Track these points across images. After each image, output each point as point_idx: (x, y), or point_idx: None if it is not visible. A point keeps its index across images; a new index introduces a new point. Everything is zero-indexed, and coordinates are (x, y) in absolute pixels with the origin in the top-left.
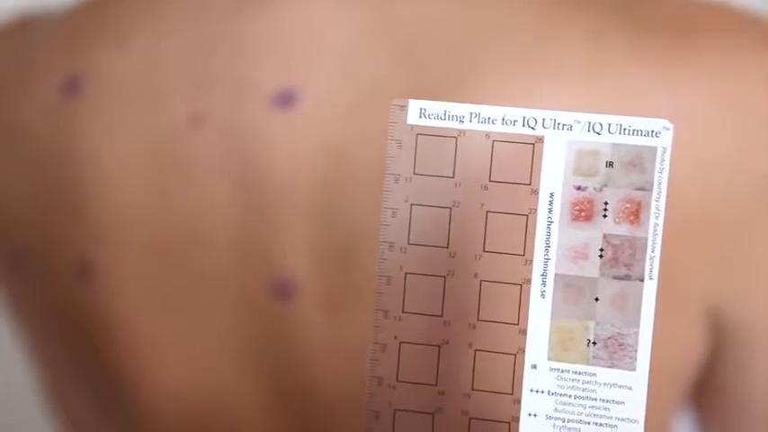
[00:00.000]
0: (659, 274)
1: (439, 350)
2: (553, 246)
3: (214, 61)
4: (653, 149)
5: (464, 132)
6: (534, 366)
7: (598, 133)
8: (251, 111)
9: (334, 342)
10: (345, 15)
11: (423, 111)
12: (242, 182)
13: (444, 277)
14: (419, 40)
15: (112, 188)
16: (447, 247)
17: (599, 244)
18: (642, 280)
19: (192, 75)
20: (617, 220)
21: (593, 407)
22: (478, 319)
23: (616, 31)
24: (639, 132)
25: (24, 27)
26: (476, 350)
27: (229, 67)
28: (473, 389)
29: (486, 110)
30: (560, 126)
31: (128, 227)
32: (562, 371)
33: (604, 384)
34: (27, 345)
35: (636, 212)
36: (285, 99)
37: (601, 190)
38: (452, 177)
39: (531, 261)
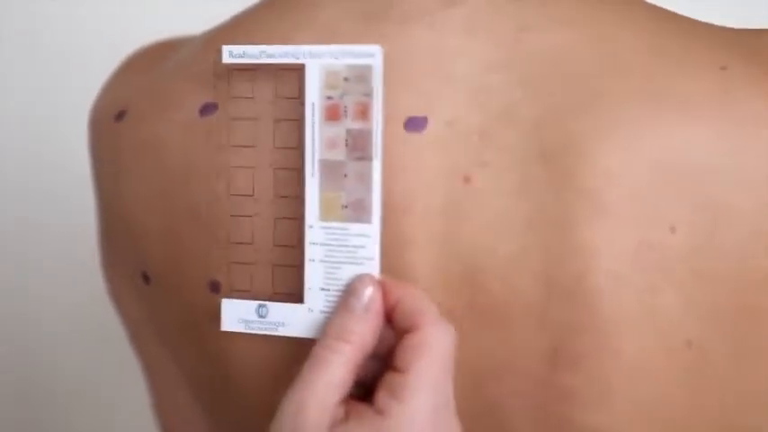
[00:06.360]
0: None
1: (252, 220)
2: (316, 140)
3: None
4: (370, 67)
5: (260, 66)
6: (311, 226)
7: (337, 59)
8: (383, 135)
9: (456, 362)
10: (475, 45)
11: (231, 52)
12: None
13: (252, 168)
14: (547, 69)
15: (244, 205)
16: (253, 147)
17: (344, 136)
18: (371, 159)
19: None
20: (353, 118)
21: (347, 251)
22: (275, 196)
23: (743, 66)
24: (362, 55)
25: (168, 52)
26: (275, 218)
27: None
28: (275, 244)
29: (270, 49)
30: (314, 56)
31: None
32: (328, 228)
33: (353, 235)
34: (144, 355)
35: (364, 111)
36: (415, 124)
37: (342, 98)
38: (252, 98)
39: (304, 152)
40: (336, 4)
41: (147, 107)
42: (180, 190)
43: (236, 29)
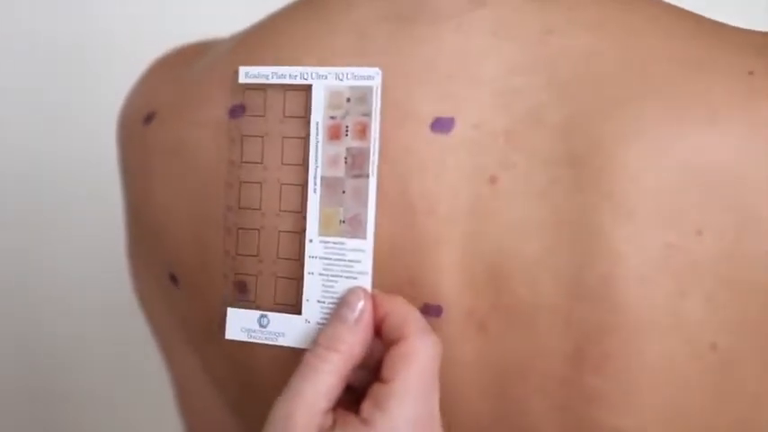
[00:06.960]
0: (377, 171)
1: (258, 233)
2: (319, 157)
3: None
4: (371, 88)
5: (269, 86)
6: (311, 240)
7: (341, 80)
8: (410, 136)
9: (481, 363)
10: (502, 47)
11: (246, 73)
12: (396, 203)
13: (260, 183)
14: (572, 72)
15: (251, 218)
16: (261, 163)
17: (344, 154)
18: (368, 176)
19: None
20: (353, 137)
21: (344, 265)
22: (280, 210)
23: None
24: (363, 77)
25: (196, 55)
26: (279, 231)
27: (390, 93)
28: (278, 257)
29: (281, 70)
30: (320, 77)
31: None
32: (326, 242)
33: (349, 250)
34: (168, 353)
35: (363, 131)
36: (442, 125)
37: (344, 117)
38: (263, 116)
39: (308, 168)
40: (369, 3)
41: (175, 110)
42: (205, 194)
43: (263, 32)
